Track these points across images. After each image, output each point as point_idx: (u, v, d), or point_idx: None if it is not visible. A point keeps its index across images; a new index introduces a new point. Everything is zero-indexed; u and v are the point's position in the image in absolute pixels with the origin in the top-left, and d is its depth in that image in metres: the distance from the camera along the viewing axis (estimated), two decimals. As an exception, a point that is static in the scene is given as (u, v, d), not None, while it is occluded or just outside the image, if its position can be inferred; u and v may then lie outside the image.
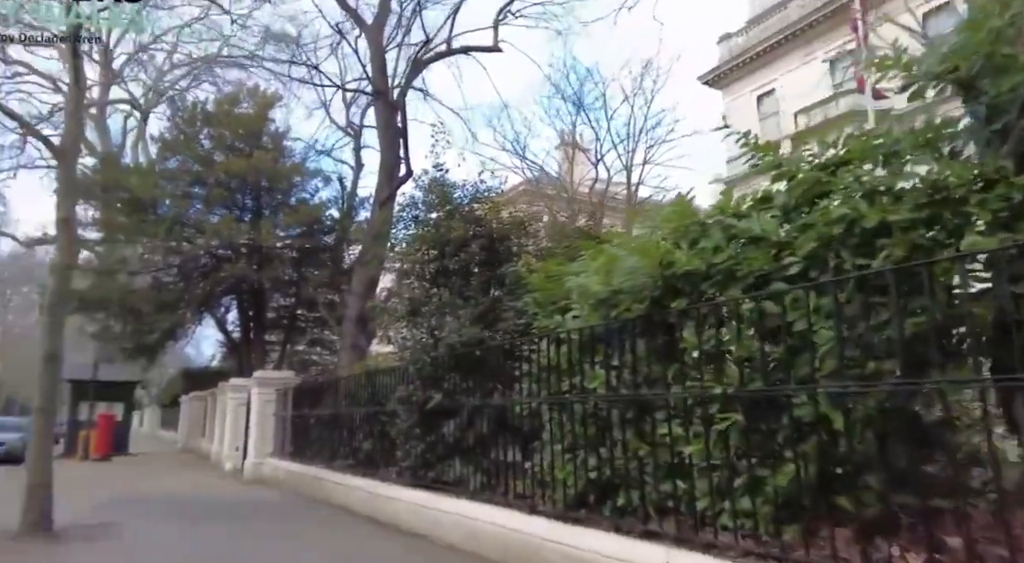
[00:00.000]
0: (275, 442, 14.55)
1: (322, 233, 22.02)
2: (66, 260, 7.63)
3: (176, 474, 16.55)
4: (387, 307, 9.43)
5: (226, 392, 19.02)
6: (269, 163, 19.42)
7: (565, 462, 5.45)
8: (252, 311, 21.70)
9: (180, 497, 11.75)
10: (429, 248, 8.46)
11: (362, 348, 14.54)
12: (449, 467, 7.41)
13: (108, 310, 19.40)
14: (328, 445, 11.61)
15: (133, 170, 19.18)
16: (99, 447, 20.85)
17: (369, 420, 9.81)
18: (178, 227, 18.71)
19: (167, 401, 42.13)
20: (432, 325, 8.05)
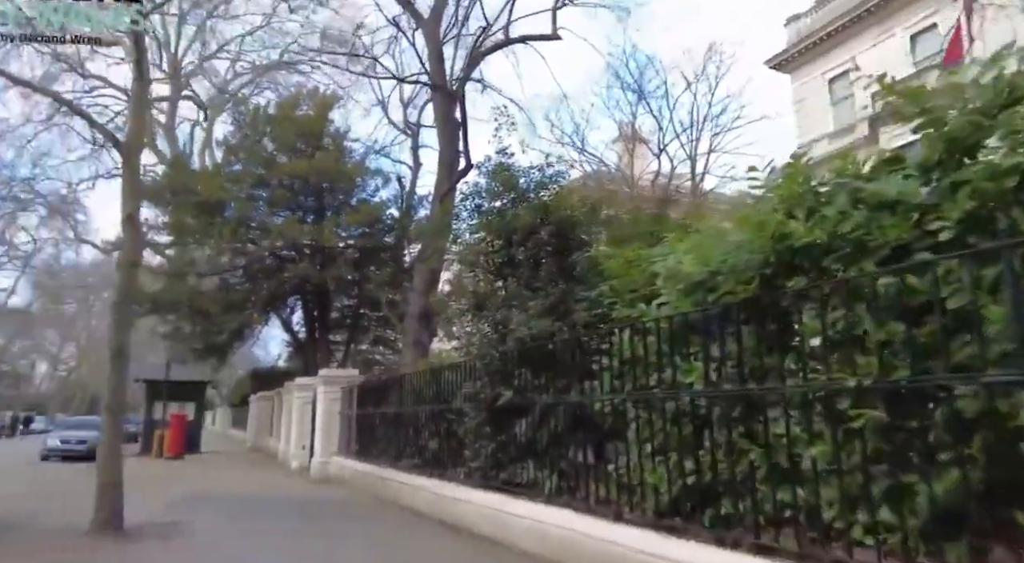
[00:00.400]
0: (341, 441, 14.45)
1: (382, 232, 21.99)
2: (131, 257, 7.57)
3: (244, 473, 16.74)
4: (451, 301, 9.01)
5: (292, 391, 19.18)
6: (330, 163, 19.49)
7: (656, 465, 4.89)
8: (316, 311, 21.88)
9: (248, 495, 11.73)
10: (494, 238, 8.03)
11: (425, 345, 14.28)
12: (521, 468, 6.95)
13: (178, 311, 19.90)
14: (393, 444, 11.36)
15: (200, 173, 19.59)
16: (172, 446, 21.41)
17: (435, 418, 9.47)
18: (243, 229, 19.00)
19: (237, 401, 43.40)
20: (498, 319, 7.61)
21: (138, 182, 7.72)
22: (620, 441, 5.52)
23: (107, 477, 7.09)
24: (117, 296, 7.50)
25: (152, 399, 24.00)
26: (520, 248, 7.56)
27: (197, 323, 20.07)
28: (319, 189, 20.26)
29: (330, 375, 15.18)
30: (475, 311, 8.14)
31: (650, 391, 5.03)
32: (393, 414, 11.55)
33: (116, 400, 7.34)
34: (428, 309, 14.15)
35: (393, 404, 11.62)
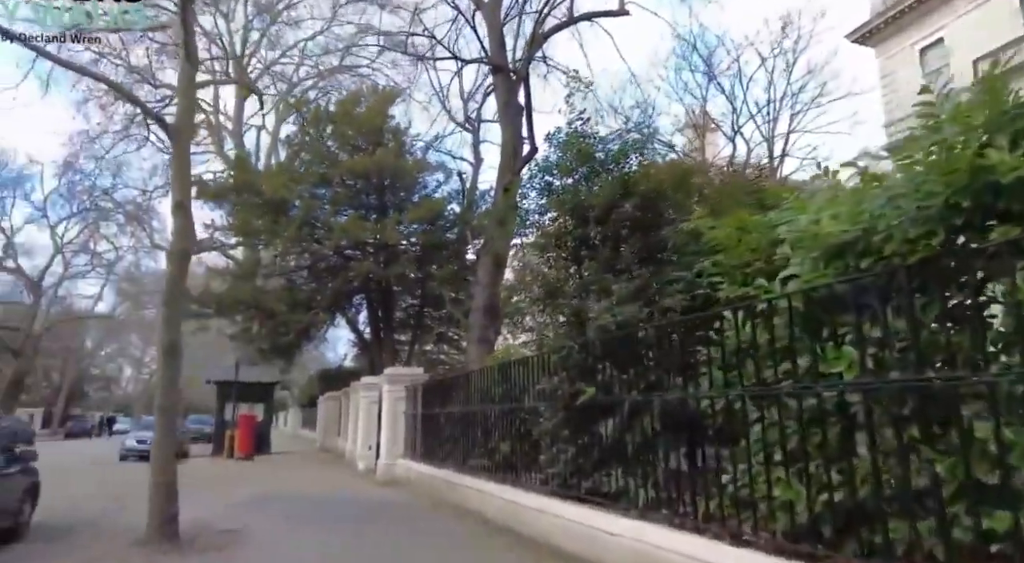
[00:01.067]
0: (406, 442, 13.90)
1: (444, 229, 21.48)
2: (182, 247, 7.11)
3: (310, 474, 16.47)
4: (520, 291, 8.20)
5: (358, 391, 18.87)
6: (391, 159, 19.10)
7: (786, 476, 3.92)
8: (380, 310, 21.57)
9: (312, 498, 11.27)
10: (567, 218, 7.16)
11: (490, 341, 13.56)
12: (606, 476, 6.06)
13: (244, 312, 19.94)
14: (460, 445, 10.65)
15: (264, 173, 19.56)
16: (242, 446, 21.51)
17: (505, 418, 8.69)
18: (307, 228, 18.84)
19: (306, 402, 44.11)
20: (576, 307, 6.75)
21: (188, 167, 7.28)
22: (732, 445, 4.58)
23: (160, 479, 6.62)
24: (167, 289, 7.06)
25: (223, 400, 24.32)
26: (598, 227, 6.68)
27: (263, 323, 20.07)
28: (381, 186, 19.91)
29: (395, 374, 14.66)
30: (548, 300, 7.33)
31: (776, 385, 4.07)
32: (459, 414, 10.86)
33: (168, 399, 6.89)
34: (493, 302, 13.43)
35: (459, 403, 10.93)
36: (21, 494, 7.75)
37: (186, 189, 7.13)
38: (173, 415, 6.95)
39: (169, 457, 6.76)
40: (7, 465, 7.52)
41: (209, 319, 20.10)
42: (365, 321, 25.38)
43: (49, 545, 7.23)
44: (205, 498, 11.38)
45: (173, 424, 6.96)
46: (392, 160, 19.33)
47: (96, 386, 76.65)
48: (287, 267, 21.24)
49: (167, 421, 6.84)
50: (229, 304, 18.85)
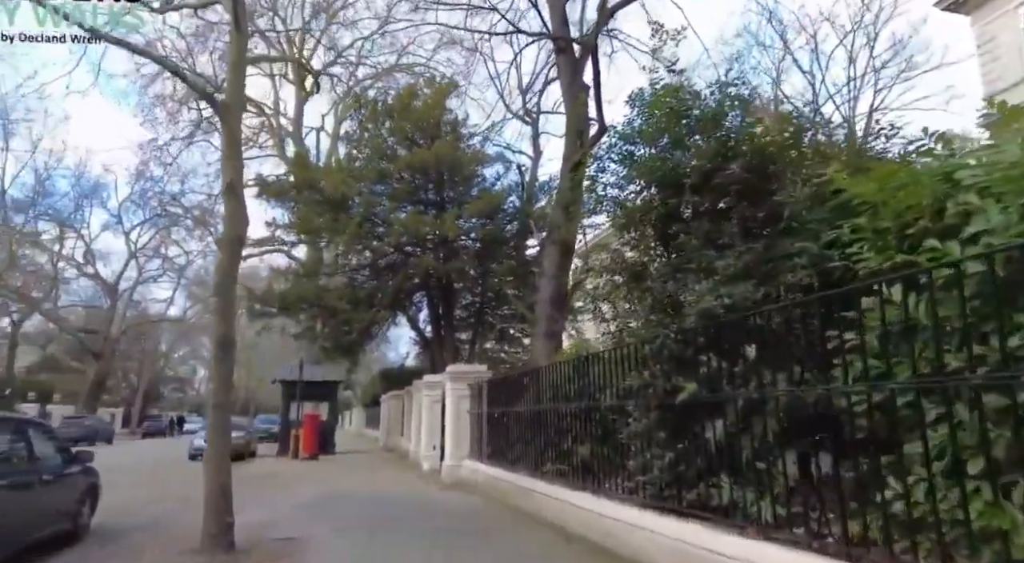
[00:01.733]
0: (471, 442, 13.24)
1: (504, 223, 20.80)
2: (234, 232, 6.59)
3: (373, 475, 16.05)
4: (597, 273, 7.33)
5: (420, 390, 18.39)
6: (449, 151, 18.54)
7: (997, 495, 2.95)
8: (441, 307, 21.07)
9: (375, 503, 10.72)
10: (653, 189, 6.26)
11: (558, 335, 12.75)
12: (713, 487, 5.15)
13: (307, 310, 19.79)
14: (532, 447, 9.87)
15: (324, 169, 19.36)
16: (306, 446, 21.40)
17: (583, 419, 7.85)
18: (368, 224, 18.48)
19: (368, 401, 44.35)
20: (670, 290, 5.85)
21: (239, 146, 6.77)
22: (891, 452, 3.62)
23: (214, 485, 6.09)
24: (219, 278, 6.55)
25: (288, 400, 24.37)
26: (695, 196, 5.75)
27: (326, 322, 19.87)
28: (439, 180, 19.37)
29: (457, 371, 14.03)
30: (632, 284, 6.42)
31: (967, 374, 3.10)
32: (529, 413, 10.09)
33: (222, 396, 6.37)
34: (561, 294, 12.62)
35: (528, 402, 10.15)
36: (79, 496, 7.45)
37: (237, 170, 6.61)
38: (228, 413, 6.44)
39: (224, 460, 6.24)
40: (64, 466, 7.20)
41: (272, 318, 20.03)
42: (426, 319, 24.99)
43: (103, 549, 6.87)
44: (266, 500, 11.02)
45: (228, 423, 6.44)
46: (450, 152, 18.76)
47: (172, 387, 79.94)
48: (348, 265, 21.00)
49: (222, 420, 6.32)
50: (292, 302, 18.70)
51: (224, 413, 6.37)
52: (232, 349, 6.51)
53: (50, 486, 6.61)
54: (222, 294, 6.47)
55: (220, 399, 6.35)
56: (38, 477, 6.36)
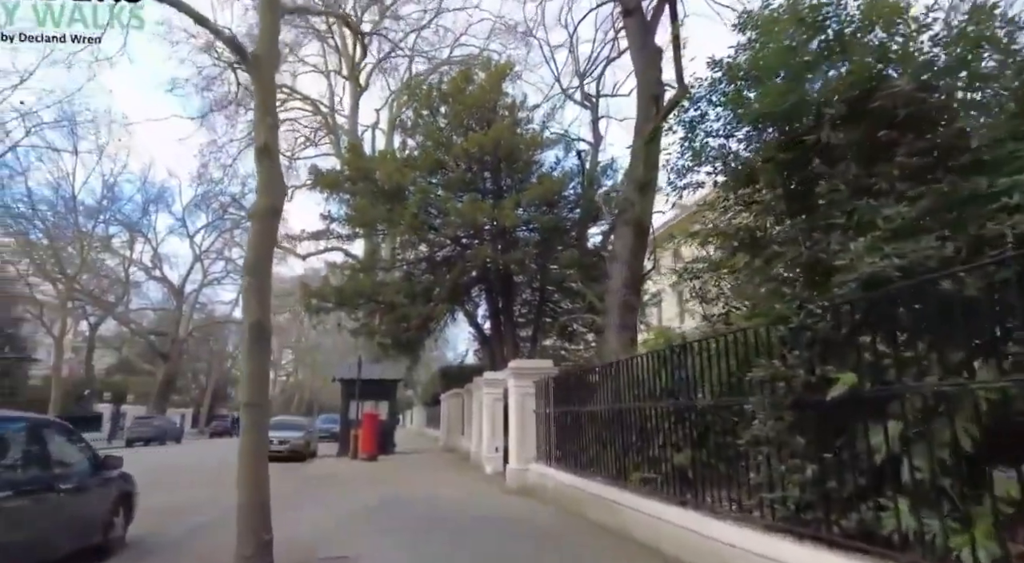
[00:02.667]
0: (538, 444, 12.13)
1: (565, 210, 19.60)
2: (268, 203, 5.65)
3: (434, 478, 15.13)
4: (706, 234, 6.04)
5: (480, 387, 17.42)
6: (507, 135, 17.49)
7: None
8: (501, 301, 20.03)
9: (437, 510, 9.75)
10: (778, 126, 4.96)
11: (632, 327, 11.47)
12: (879, 510, 3.85)
13: (364, 305, 19.08)
14: (610, 452, 8.68)
15: (378, 159, 18.56)
16: (365, 446, 20.73)
17: (679, 419, 6.62)
18: (423, 214, 17.61)
19: (428, 399, 43.87)
20: (803, 255, 4.55)
21: (273, 103, 5.87)
22: None
23: (247, 498, 5.17)
24: (251, 254, 5.63)
25: (348, 399, 23.85)
26: (837, 133, 4.42)
27: (383, 317, 19.12)
28: (496, 166, 18.32)
29: (521, 367, 12.93)
30: (748, 252, 5.13)
31: None
32: (606, 413, 8.90)
33: (255, 393, 5.42)
34: (636, 280, 11.35)
35: (604, 400, 8.96)
36: (110, 505, 6.70)
37: (272, 130, 5.69)
38: (265, 413, 5.50)
39: (260, 469, 5.31)
40: (91, 473, 6.45)
41: (328, 313, 19.42)
42: (484, 315, 24.04)
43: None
44: (320, 505, 10.19)
45: (264, 425, 5.51)
46: (507, 136, 17.69)
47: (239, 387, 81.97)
48: (405, 259, 20.25)
49: (256, 421, 5.38)
50: (348, 297, 17.99)
51: (259, 413, 5.43)
52: (267, 339, 5.57)
53: (73, 496, 5.85)
54: (255, 274, 5.54)
55: (254, 396, 5.42)
56: (57, 486, 5.59)
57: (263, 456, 5.47)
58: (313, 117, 33.86)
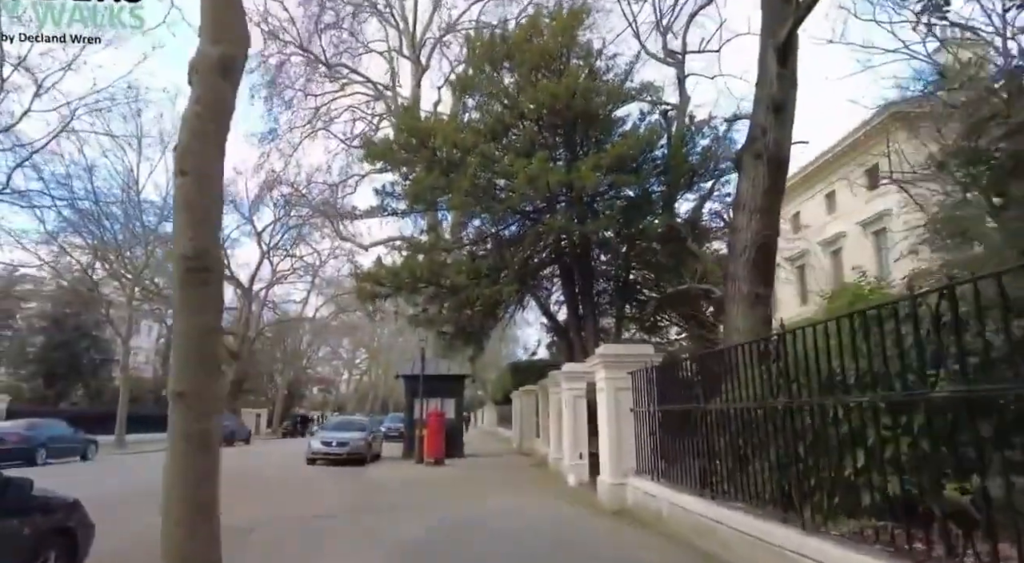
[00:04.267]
0: (639, 452, 9.45)
1: (651, 177, 16.69)
2: (216, 49, 3.29)
3: (506, 490, 12.62)
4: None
5: (558, 382, 14.85)
6: (581, 85, 14.84)
7: None
8: (578, 283, 17.33)
9: (514, 544, 7.23)
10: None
11: (766, 299, 8.61)
12: None
13: (422, 290, 16.86)
14: (760, 468, 5.94)
15: (435, 123, 16.30)
16: (430, 449, 18.53)
17: (870, 421, 3.84)
18: (484, 178, 15.14)
19: (499, 397, 41.64)
20: None
21: None
22: None
23: (178, 528, 2.80)
24: (186, 139, 3.26)
25: (412, 397, 21.79)
26: None
27: (444, 302, 16.84)
28: (570, 123, 15.60)
29: (613, 354, 10.25)
30: None
31: None
32: (746, 412, 6.17)
33: (191, 372, 3.04)
34: (771, 236, 8.49)
35: (745, 394, 6.21)
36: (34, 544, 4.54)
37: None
38: (205, 406, 3.11)
39: (197, 484, 2.93)
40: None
41: (384, 299, 17.27)
42: (559, 301, 21.42)
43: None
44: (362, 533, 7.87)
45: (209, 426, 3.11)
46: (584, 85, 15.04)
47: (319, 387, 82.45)
48: (467, 236, 17.93)
49: (191, 417, 3.00)
50: (405, 280, 15.80)
51: (196, 406, 3.05)
52: (212, 282, 3.19)
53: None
54: (192, 169, 3.19)
55: (185, 380, 3.05)
56: None
57: (207, 477, 3.09)
58: (373, 104, 32.20)
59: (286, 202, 35.15)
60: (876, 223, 27.03)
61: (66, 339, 40.22)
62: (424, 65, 30.82)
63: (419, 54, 30.82)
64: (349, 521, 8.89)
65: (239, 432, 36.58)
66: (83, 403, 40.74)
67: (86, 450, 21.99)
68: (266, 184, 34.00)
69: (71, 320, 40.56)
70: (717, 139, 16.22)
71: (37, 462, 19.28)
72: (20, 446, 19.21)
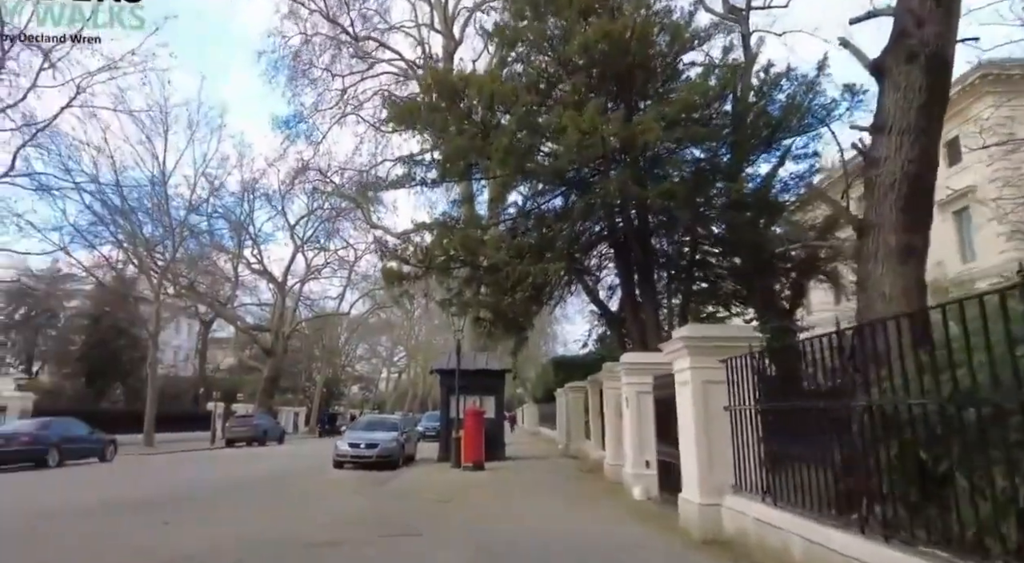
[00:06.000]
0: (738, 463, 7.14)
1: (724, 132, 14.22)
2: None
3: (562, 504, 10.40)
4: None
5: (617, 375, 12.58)
6: (641, 23, 12.52)
7: None
8: (636, 263, 14.97)
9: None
10: None
11: (921, 251, 6.22)
12: None
13: (455, 270, 14.74)
14: (958, 492, 3.63)
15: (468, 75, 14.10)
16: (469, 452, 16.43)
17: None
18: (526, 140, 12.91)
19: (540, 395, 39.46)
20: None
21: None
22: None
23: None
24: None
25: (447, 393, 19.77)
26: None
27: (482, 284, 14.69)
28: (625, 71, 13.24)
29: (702, 337, 7.92)
30: None
31: None
32: (949, 412, 3.87)
33: None
34: (929, 167, 6.10)
35: (926, 389, 3.91)
36: None
37: None
38: None
39: None
40: None
41: (413, 281, 15.20)
42: (609, 287, 19.09)
43: None
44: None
45: None
46: (640, 26, 12.70)
47: (359, 386, 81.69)
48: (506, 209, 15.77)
49: None
50: (436, 257, 13.70)
51: None
52: None
53: None
54: None
55: None
56: None
57: None
58: (403, 85, 30.31)
59: (314, 189, 33.58)
60: (957, 202, 23.98)
61: (103, 338, 39.72)
62: (457, 39, 28.79)
63: (451, 26, 28.82)
64: (353, 552, 6.81)
65: (272, 431, 35.26)
66: (122, 402, 40.26)
67: (104, 451, 20.62)
68: (294, 171, 32.47)
69: (107, 318, 40.01)
70: (809, 84, 13.66)
71: (49, 464, 17.92)
72: (30, 447, 17.86)
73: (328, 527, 8.32)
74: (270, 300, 47.02)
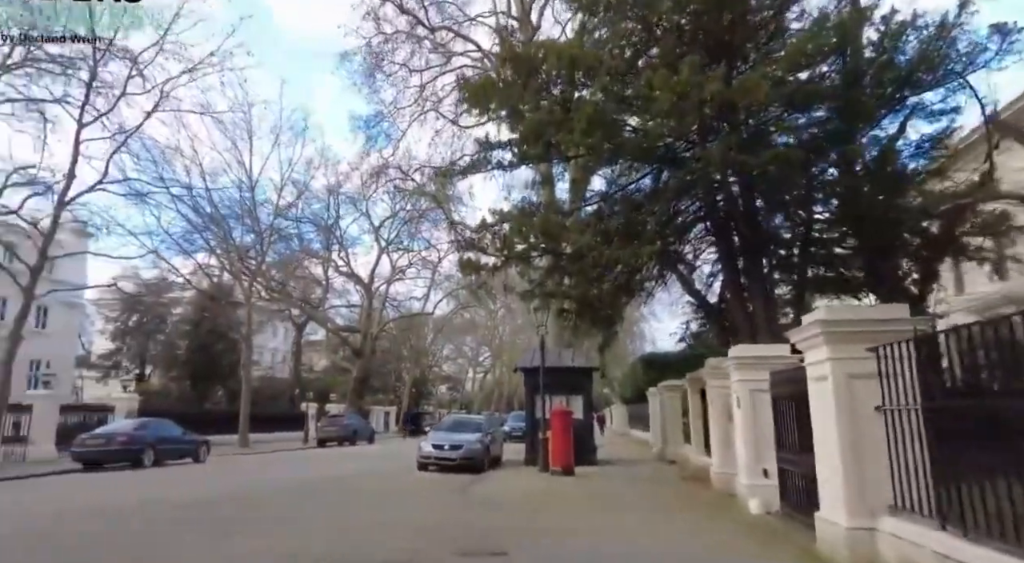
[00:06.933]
0: (897, 475, 5.63)
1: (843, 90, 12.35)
2: None
3: (666, 518, 9.07)
4: None
5: (724, 372, 11.08)
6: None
7: None
8: (739, 246, 13.33)
9: None
10: None
11: None
12: None
13: (534, 259, 13.63)
14: None
15: (546, 44, 12.95)
16: (556, 456, 15.28)
17: None
18: (611, 112, 11.61)
19: (629, 395, 37.74)
20: None
21: None
22: None
23: None
24: None
25: (532, 393, 18.72)
26: None
27: (565, 274, 13.53)
28: (722, 29, 11.71)
29: (842, 321, 6.42)
30: None
31: None
32: None
33: None
34: None
35: None
36: None
37: None
38: None
39: None
40: None
41: (492, 272, 14.19)
42: (707, 277, 17.44)
43: None
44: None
45: None
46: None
47: (447, 386, 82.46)
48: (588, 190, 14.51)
49: None
50: (515, 244, 12.67)
51: None
52: None
53: None
54: None
55: None
56: None
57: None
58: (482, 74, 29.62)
59: (396, 188, 33.48)
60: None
61: (204, 342, 41.58)
62: (535, 25, 27.79)
63: (529, 11, 27.84)
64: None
65: (362, 430, 35.51)
66: (223, 403, 41.96)
67: (197, 452, 20.97)
68: (375, 169, 32.50)
69: (206, 323, 41.83)
70: (944, 28, 11.61)
71: (144, 464, 18.28)
72: (127, 447, 18.28)
73: (401, 538, 7.43)
74: (358, 302, 47.79)
